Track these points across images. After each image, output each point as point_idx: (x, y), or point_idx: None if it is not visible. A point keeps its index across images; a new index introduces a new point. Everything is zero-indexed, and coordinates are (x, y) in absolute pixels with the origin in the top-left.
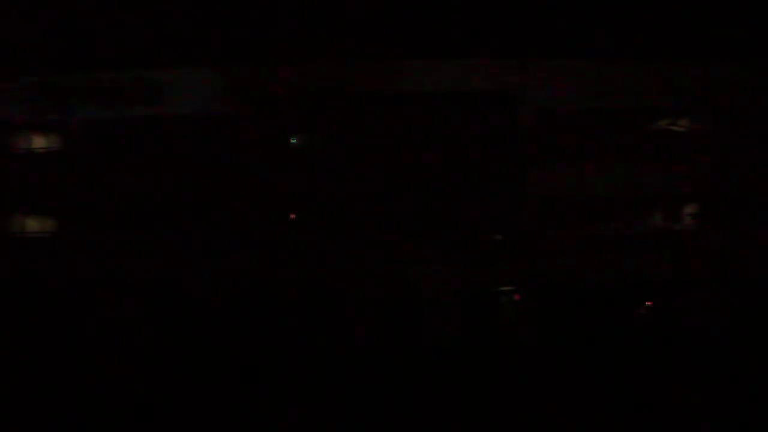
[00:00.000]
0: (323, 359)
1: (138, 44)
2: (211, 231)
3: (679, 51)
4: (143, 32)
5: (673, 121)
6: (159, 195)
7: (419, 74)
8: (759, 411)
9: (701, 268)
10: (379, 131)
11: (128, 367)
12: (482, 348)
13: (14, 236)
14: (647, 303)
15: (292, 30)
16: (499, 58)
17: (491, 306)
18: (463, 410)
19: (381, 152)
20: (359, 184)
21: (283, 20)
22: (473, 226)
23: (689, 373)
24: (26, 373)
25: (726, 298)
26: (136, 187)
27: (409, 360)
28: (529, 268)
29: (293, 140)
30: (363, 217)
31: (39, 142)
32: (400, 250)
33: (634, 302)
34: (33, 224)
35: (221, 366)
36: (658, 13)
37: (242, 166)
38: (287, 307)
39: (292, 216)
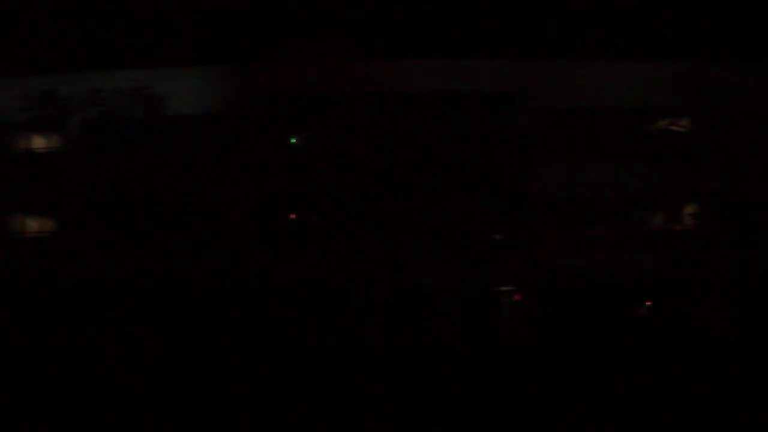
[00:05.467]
0: (323, 358)
1: (138, 44)
2: (211, 230)
3: (679, 51)
4: (144, 32)
5: (673, 121)
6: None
7: (419, 74)
8: (759, 411)
9: (701, 268)
10: (379, 131)
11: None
12: (482, 348)
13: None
14: (647, 303)
15: (293, 30)
16: (499, 58)
17: (491, 306)
18: (463, 410)
19: (381, 152)
20: (359, 184)
21: (284, 20)
22: (473, 226)
23: (689, 372)
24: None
25: (726, 298)
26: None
27: (409, 359)
28: (529, 268)
29: (293, 140)
30: (363, 217)
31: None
32: (400, 250)
33: (634, 302)
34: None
35: (221, 365)
36: (657, 13)
37: (242, 166)
38: (287, 307)
39: (292, 216)
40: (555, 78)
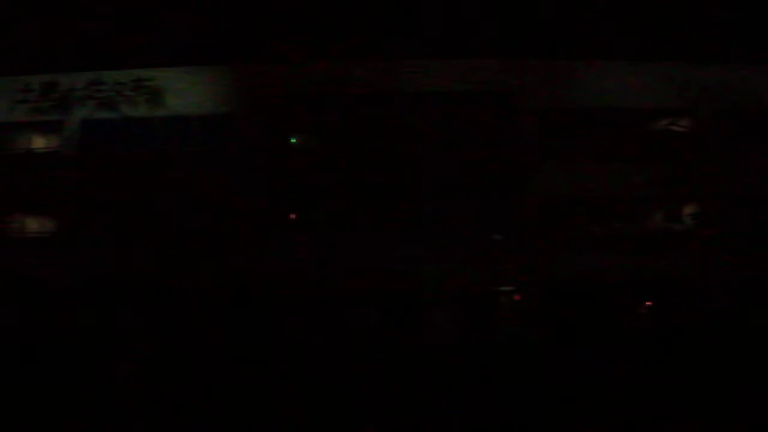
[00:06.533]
0: (323, 359)
1: (138, 44)
2: (212, 230)
3: (679, 51)
4: (144, 32)
5: (673, 121)
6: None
7: (419, 74)
8: (759, 411)
9: (701, 268)
10: (379, 131)
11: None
12: (482, 348)
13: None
14: (647, 303)
15: (293, 30)
16: (499, 58)
17: (491, 306)
18: (463, 410)
19: (381, 152)
20: (359, 184)
21: (283, 20)
22: (473, 226)
23: (689, 372)
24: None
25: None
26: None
27: (409, 359)
28: (529, 268)
29: (293, 140)
30: (363, 216)
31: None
32: (400, 250)
33: (634, 302)
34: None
35: (221, 365)
36: (657, 13)
37: (242, 166)
38: (287, 307)
39: (292, 216)
40: (555, 78)
